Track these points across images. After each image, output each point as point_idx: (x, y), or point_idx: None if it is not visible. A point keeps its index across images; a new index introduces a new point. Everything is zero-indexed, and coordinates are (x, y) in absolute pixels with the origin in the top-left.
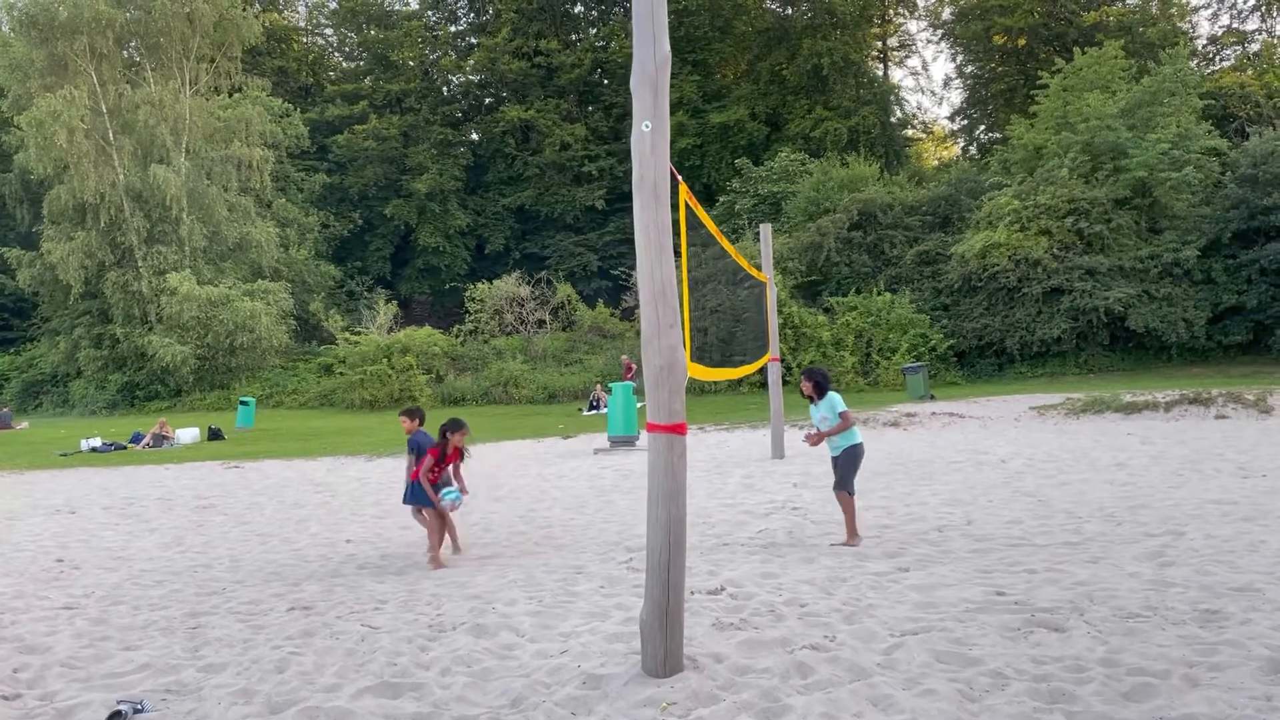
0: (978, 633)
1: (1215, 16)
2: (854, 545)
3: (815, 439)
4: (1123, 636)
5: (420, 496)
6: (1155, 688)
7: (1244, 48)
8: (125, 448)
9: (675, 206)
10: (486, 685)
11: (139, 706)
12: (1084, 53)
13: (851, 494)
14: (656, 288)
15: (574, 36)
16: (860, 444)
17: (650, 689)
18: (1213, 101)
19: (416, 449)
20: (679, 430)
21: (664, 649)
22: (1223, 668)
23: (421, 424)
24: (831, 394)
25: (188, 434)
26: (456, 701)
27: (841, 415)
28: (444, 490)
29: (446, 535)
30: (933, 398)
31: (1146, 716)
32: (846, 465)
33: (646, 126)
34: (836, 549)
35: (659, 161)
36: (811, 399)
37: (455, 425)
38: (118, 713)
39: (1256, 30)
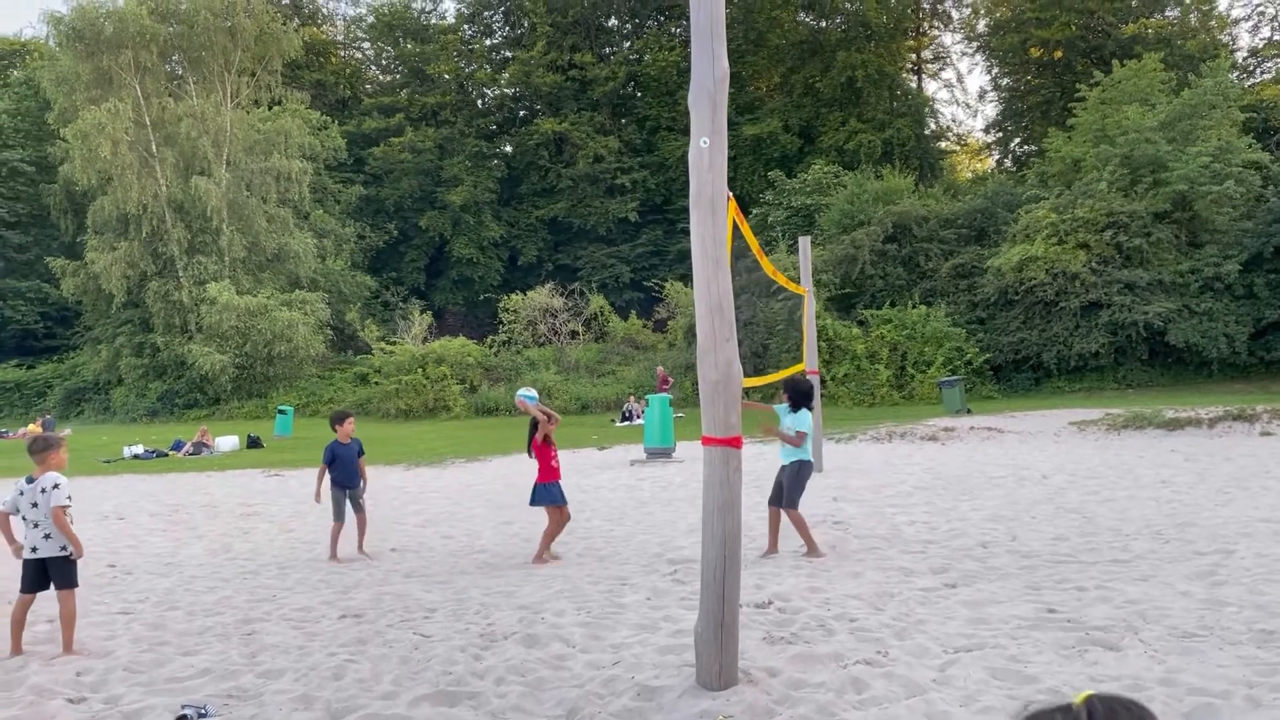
0: (1032, 650)
1: (1256, 29)
2: (817, 557)
3: (769, 431)
4: (1180, 656)
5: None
6: (1217, 708)
7: None
8: (167, 455)
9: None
10: (541, 695)
11: (203, 711)
12: (1122, 65)
13: (796, 508)
14: (713, 301)
15: (608, 50)
16: (809, 463)
17: (706, 701)
18: (1254, 114)
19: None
20: (734, 444)
21: (719, 662)
22: None
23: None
24: (803, 412)
25: (227, 442)
26: (513, 711)
27: (797, 433)
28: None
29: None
30: (969, 412)
31: None
32: (793, 481)
33: (704, 142)
34: (806, 559)
35: (716, 176)
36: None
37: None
38: (183, 717)
39: None
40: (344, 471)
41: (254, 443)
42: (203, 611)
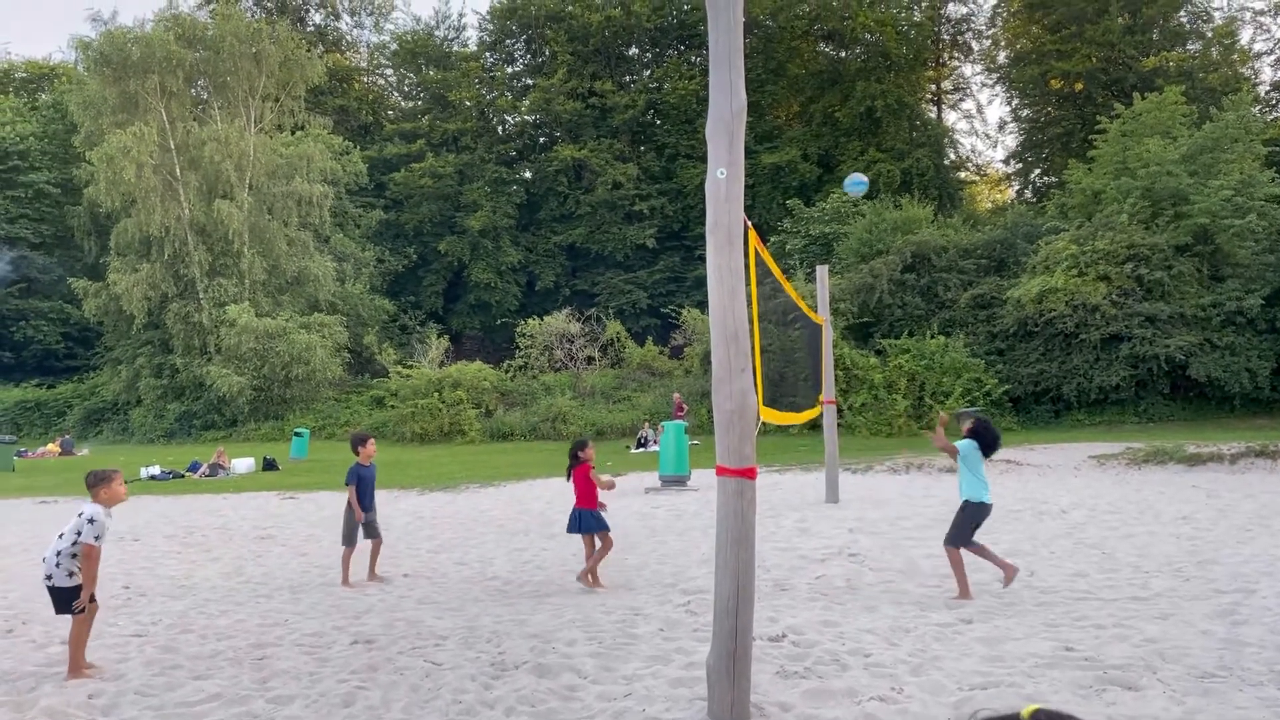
0: (1049, 689)
1: (1278, 63)
2: (965, 600)
3: (940, 440)
4: (1199, 697)
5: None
6: None
7: None
8: (183, 476)
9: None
10: None
11: None
12: (1144, 98)
13: (956, 547)
14: (729, 331)
15: (628, 78)
16: (986, 505)
17: None
18: (1276, 148)
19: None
20: (749, 475)
21: (731, 696)
22: None
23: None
24: (968, 442)
25: (243, 464)
26: None
27: (961, 458)
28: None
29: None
30: None
31: None
32: (960, 517)
33: (721, 174)
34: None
35: (733, 207)
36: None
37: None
38: None
39: None
40: (363, 494)
41: (270, 465)
42: (215, 635)
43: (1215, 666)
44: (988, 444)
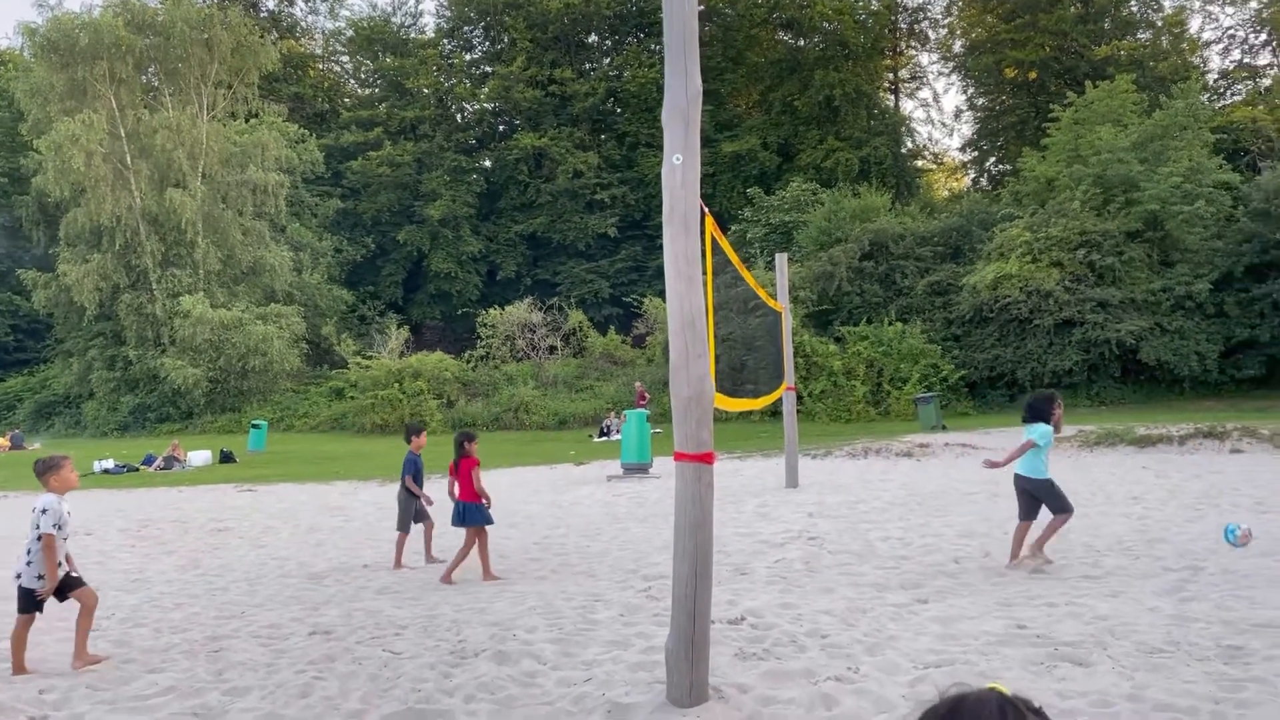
0: (1001, 666)
1: (1226, 51)
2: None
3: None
4: (1148, 672)
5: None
6: None
7: (1255, 82)
8: (138, 469)
9: (701, 236)
10: (511, 713)
11: None
12: (1095, 86)
13: (1060, 513)
14: (686, 318)
15: (588, 65)
16: (1037, 479)
17: (676, 719)
18: (1224, 136)
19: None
20: (707, 460)
21: (690, 679)
22: (1250, 705)
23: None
24: (1039, 425)
25: (199, 457)
26: None
27: (1022, 444)
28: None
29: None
30: (944, 428)
31: None
32: (1047, 493)
33: (678, 160)
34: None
35: (689, 194)
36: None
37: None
38: None
39: (1268, 65)
40: (416, 482)
41: (227, 457)
42: (170, 628)
43: (1163, 642)
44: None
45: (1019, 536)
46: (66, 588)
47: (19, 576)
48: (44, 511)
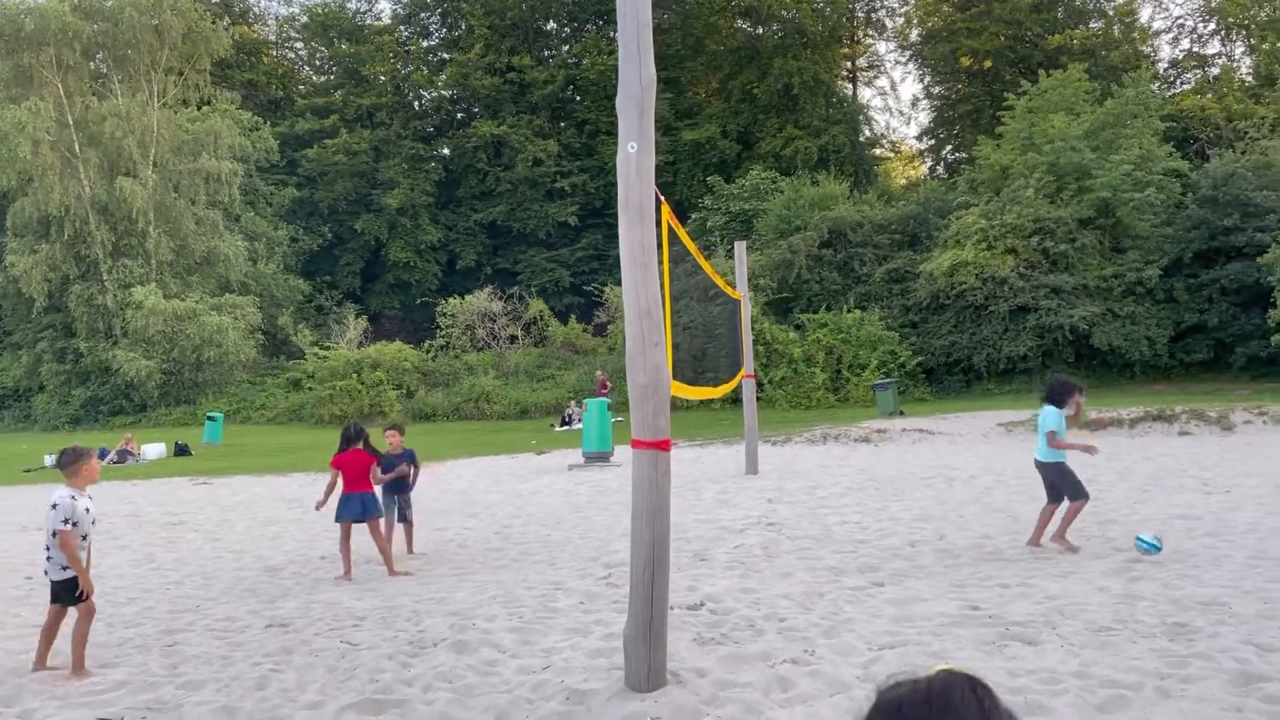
0: (954, 646)
1: (1176, 41)
2: (1070, 551)
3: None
4: (1095, 650)
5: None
6: (1128, 699)
7: (1204, 71)
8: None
9: (656, 224)
10: (470, 702)
11: None
12: (1049, 75)
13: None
14: (641, 306)
15: (547, 53)
16: (1047, 463)
17: (634, 704)
18: (1174, 124)
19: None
20: (663, 447)
21: (647, 664)
22: (1193, 680)
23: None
24: (1046, 408)
25: (153, 450)
26: (440, 718)
27: (1046, 434)
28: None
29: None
30: (902, 414)
31: None
32: (1061, 478)
33: (632, 148)
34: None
35: (644, 182)
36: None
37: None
38: None
39: (1216, 54)
40: (394, 479)
41: (182, 450)
42: (123, 623)
43: (1111, 620)
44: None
45: (1044, 519)
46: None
47: (46, 572)
48: (54, 507)
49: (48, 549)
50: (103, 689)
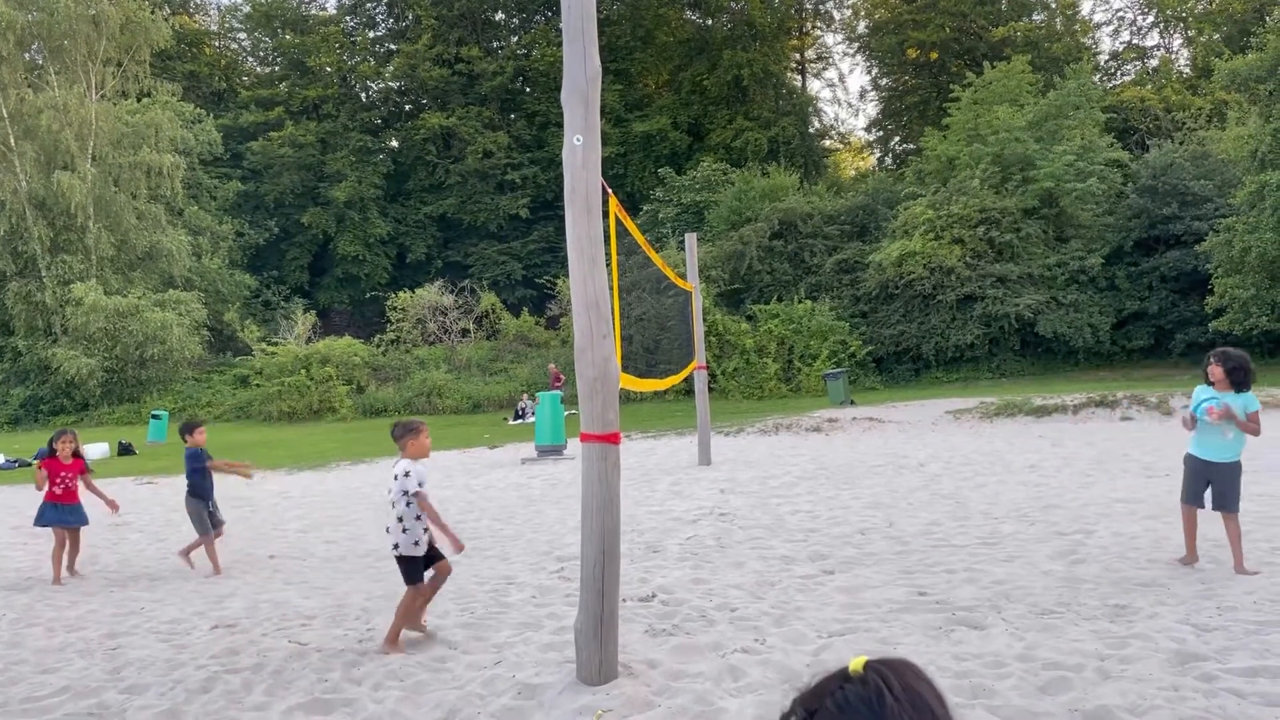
0: (901, 632)
1: (1117, 33)
2: (1249, 574)
3: (1221, 413)
4: (1039, 632)
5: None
6: (1070, 680)
7: (1144, 63)
8: (30, 464)
9: (604, 216)
10: (420, 699)
11: None
12: (993, 67)
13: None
14: (589, 299)
15: (495, 44)
16: (1236, 463)
17: (586, 697)
18: (1114, 115)
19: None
20: (613, 440)
21: (599, 657)
22: (1133, 660)
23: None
24: (1245, 394)
25: (96, 449)
26: (390, 716)
27: (1249, 416)
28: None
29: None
30: (853, 403)
31: (1062, 709)
32: (1234, 482)
33: (578, 140)
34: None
35: (590, 175)
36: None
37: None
38: None
39: (1155, 46)
40: (207, 482)
41: (125, 449)
42: (64, 627)
43: (1055, 603)
44: (1241, 376)
45: (1233, 536)
46: (432, 559)
47: (396, 547)
48: (406, 475)
49: (400, 520)
50: (43, 695)
